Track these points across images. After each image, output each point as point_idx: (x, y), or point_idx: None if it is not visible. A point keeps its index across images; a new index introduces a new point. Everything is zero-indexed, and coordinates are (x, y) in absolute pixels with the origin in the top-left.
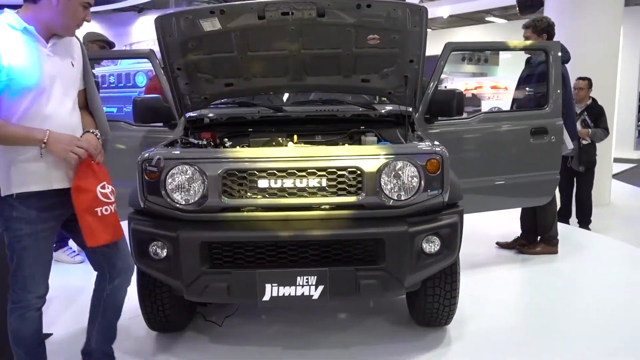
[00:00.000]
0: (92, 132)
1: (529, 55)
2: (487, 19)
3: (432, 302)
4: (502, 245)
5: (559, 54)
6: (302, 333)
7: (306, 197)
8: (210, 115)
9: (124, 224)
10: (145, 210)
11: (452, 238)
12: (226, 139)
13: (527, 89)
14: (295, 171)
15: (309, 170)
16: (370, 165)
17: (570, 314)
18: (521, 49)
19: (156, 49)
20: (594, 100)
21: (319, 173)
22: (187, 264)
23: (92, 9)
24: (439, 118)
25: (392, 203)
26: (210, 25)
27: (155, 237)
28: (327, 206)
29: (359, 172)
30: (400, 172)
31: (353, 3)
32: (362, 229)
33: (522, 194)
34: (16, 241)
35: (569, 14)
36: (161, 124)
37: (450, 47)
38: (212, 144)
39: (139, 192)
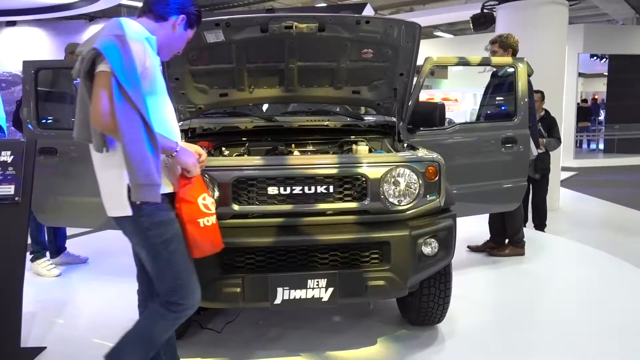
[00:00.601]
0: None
1: (495, 69)
2: (435, 33)
3: (427, 302)
4: (472, 249)
5: (525, 69)
6: (301, 337)
7: (314, 203)
8: (204, 124)
9: None
10: None
11: (448, 240)
12: (223, 148)
13: (496, 99)
14: (303, 178)
15: (317, 178)
16: (374, 172)
17: (544, 310)
18: (494, 65)
19: None
20: (546, 111)
21: (327, 180)
22: (201, 269)
23: (39, 17)
24: (421, 128)
25: (394, 208)
26: (214, 37)
27: None
28: (333, 212)
29: (364, 179)
30: (402, 179)
31: (353, 19)
32: (368, 233)
33: (493, 201)
34: (164, 248)
35: (518, 31)
36: None
37: (430, 62)
38: (211, 153)
39: None
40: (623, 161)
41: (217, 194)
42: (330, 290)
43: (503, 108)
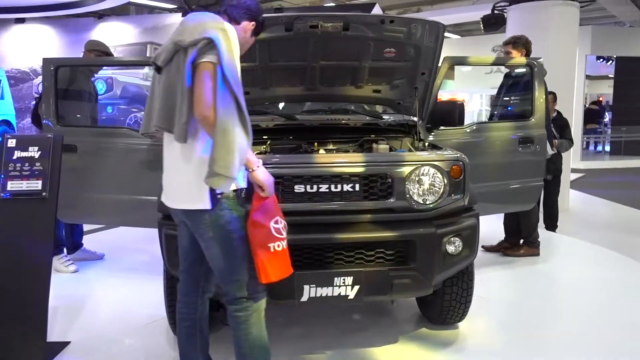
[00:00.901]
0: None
1: (508, 70)
2: None
3: (450, 301)
4: (487, 249)
5: (542, 69)
6: (322, 334)
7: (340, 201)
8: None
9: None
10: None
11: (472, 239)
12: None
13: (510, 99)
14: (330, 177)
15: (343, 176)
16: (400, 171)
17: (562, 310)
18: (510, 65)
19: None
20: (559, 112)
21: (353, 178)
22: None
23: (47, 14)
24: (440, 127)
25: (419, 207)
26: None
27: None
28: (359, 210)
29: (389, 177)
30: (427, 178)
31: (377, 18)
32: (394, 232)
33: (510, 200)
34: (240, 243)
35: (529, 32)
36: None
37: (449, 61)
38: None
39: None
40: (630, 163)
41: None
42: (356, 288)
43: (509, 108)
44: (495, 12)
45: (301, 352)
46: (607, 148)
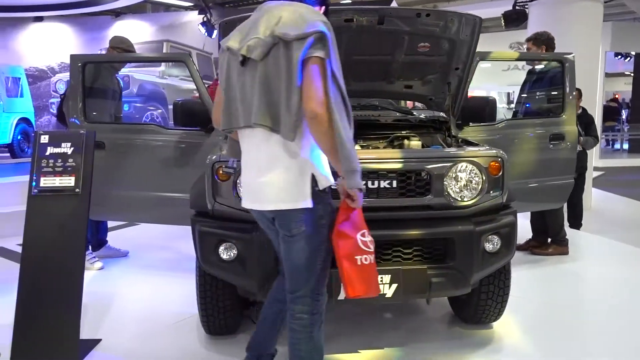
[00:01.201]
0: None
1: (531, 67)
2: None
3: (486, 300)
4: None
5: (574, 65)
6: (355, 333)
7: (377, 198)
8: None
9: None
10: (210, 212)
11: (510, 237)
12: None
13: (536, 96)
14: (367, 173)
15: (380, 172)
16: (437, 168)
17: (596, 310)
18: (540, 60)
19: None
20: (584, 109)
21: (390, 175)
22: (262, 264)
23: (65, 13)
24: (470, 124)
25: (458, 204)
26: None
27: (227, 239)
28: (396, 207)
29: (427, 174)
30: (466, 174)
31: (413, 12)
32: (432, 229)
33: (540, 198)
34: (326, 240)
35: (551, 28)
36: (197, 128)
37: (479, 56)
38: None
39: (208, 194)
40: None
41: None
42: (394, 286)
43: (527, 105)
44: (517, 7)
45: (333, 351)
46: (625, 146)
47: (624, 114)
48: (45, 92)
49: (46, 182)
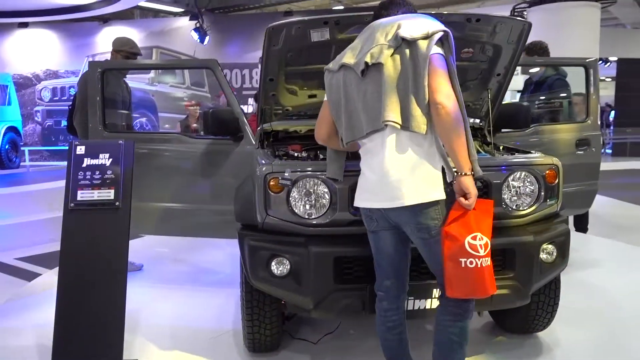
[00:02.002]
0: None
1: (529, 75)
2: None
3: (537, 310)
4: None
5: (597, 69)
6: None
7: None
8: (286, 127)
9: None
10: (260, 225)
11: (565, 246)
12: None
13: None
14: None
15: None
16: (496, 176)
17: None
18: (562, 64)
19: None
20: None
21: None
22: (318, 280)
23: (51, 19)
24: (502, 130)
25: (516, 213)
26: (320, 35)
27: (280, 253)
28: None
29: (485, 182)
30: (524, 183)
31: (463, 17)
32: (493, 239)
33: (568, 203)
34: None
35: (550, 33)
36: (227, 137)
37: None
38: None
39: (259, 206)
40: (637, 164)
41: (335, 199)
42: None
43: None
44: (515, 13)
45: None
46: (608, 150)
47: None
48: (29, 100)
49: (84, 195)
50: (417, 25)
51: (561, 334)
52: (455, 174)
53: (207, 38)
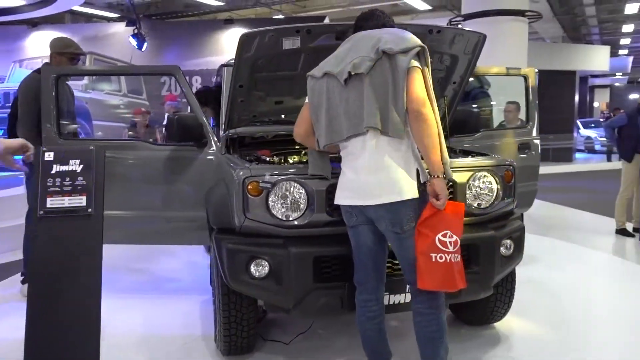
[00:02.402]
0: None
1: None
2: None
3: (495, 301)
4: None
5: (536, 79)
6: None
7: None
8: (252, 133)
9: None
10: (238, 228)
11: (521, 241)
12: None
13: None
14: None
15: None
16: (461, 177)
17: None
18: (505, 75)
19: None
20: (522, 121)
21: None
22: (298, 279)
23: None
24: (454, 135)
25: (478, 211)
26: (291, 44)
27: (259, 255)
28: None
29: (451, 183)
30: (485, 183)
31: (426, 28)
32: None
33: None
34: None
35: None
36: (191, 143)
37: None
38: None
39: (236, 210)
40: (558, 169)
41: (313, 201)
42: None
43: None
44: (452, 25)
45: None
46: None
47: None
48: None
49: (54, 202)
50: (396, 40)
51: (514, 324)
52: (429, 176)
53: (145, 44)
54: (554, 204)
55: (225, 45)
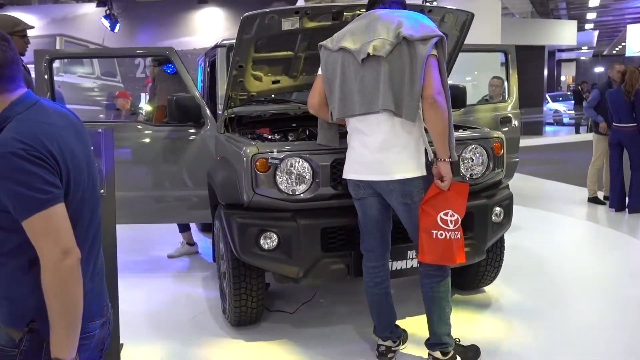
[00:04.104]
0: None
1: None
2: None
3: (486, 266)
4: None
5: (515, 54)
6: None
7: None
8: (250, 112)
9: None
10: (246, 204)
11: (510, 209)
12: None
13: None
14: None
15: None
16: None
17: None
18: (485, 51)
19: None
20: (503, 96)
21: None
22: (307, 249)
23: None
24: None
25: (471, 181)
26: (290, 24)
27: (268, 228)
28: None
29: None
30: (477, 154)
31: (418, 7)
32: None
33: None
34: None
35: None
36: (190, 123)
37: None
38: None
39: (245, 186)
40: (529, 142)
41: (319, 175)
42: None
43: None
44: (427, 2)
45: (352, 326)
46: None
47: None
48: None
49: None
50: (417, 27)
51: (504, 288)
52: (435, 158)
53: (117, 25)
54: (529, 175)
55: (199, 25)
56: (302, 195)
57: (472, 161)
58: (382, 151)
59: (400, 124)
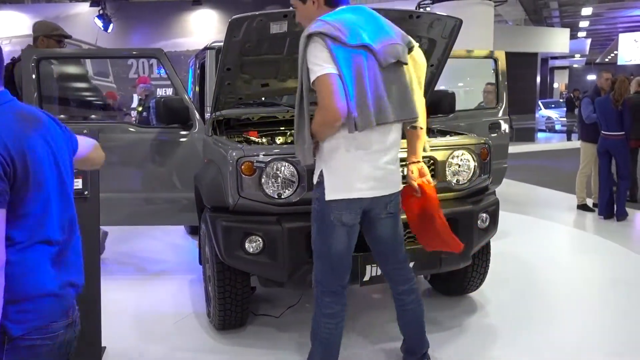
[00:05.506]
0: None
1: None
2: None
3: (472, 272)
4: None
5: (505, 61)
6: (351, 316)
7: None
8: (239, 115)
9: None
10: (231, 207)
11: (496, 215)
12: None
13: None
14: None
15: None
16: (441, 155)
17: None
18: (476, 57)
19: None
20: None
21: (402, 163)
22: (292, 253)
23: None
24: (431, 116)
25: (457, 187)
26: (278, 28)
27: (254, 231)
28: None
29: (432, 161)
30: (463, 160)
31: (407, 13)
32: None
33: None
34: None
35: None
36: (177, 125)
37: None
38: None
39: (230, 189)
40: (520, 148)
41: (304, 179)
42: (411, 264)
43: None
44: (420, 8)
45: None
46: None
47: None
48: None
49: None
50: (399, 32)
51: (489, 294)
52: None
53: (111, 26)
54: (519, 182)
55: (193, 26)
56: (287, 199)
57: (459, 167)
58: (394, 162)
59: (395, 134)
